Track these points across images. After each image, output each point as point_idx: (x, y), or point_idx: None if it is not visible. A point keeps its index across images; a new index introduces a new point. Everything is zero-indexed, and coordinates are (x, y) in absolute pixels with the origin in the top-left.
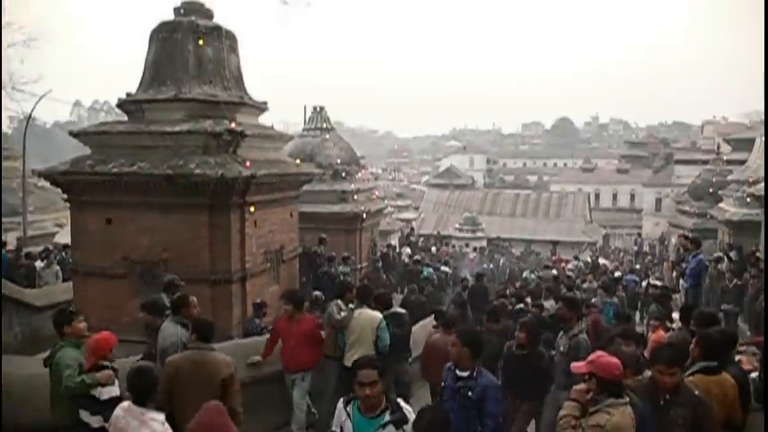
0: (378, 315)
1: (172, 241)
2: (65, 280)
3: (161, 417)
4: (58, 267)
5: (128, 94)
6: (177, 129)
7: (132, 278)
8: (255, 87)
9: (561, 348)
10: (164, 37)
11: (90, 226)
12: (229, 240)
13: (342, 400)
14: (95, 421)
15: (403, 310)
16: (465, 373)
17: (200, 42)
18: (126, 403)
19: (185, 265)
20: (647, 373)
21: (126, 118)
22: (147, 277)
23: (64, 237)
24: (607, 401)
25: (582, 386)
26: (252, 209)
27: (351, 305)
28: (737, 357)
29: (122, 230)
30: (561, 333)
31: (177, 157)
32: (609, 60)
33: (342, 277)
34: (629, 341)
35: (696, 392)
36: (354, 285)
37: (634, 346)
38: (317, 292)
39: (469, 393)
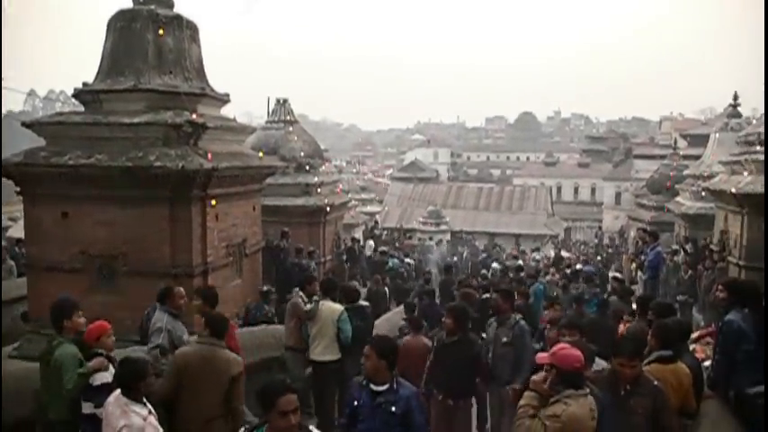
0: (339, 307)
1: (131, 235)
2: (20, 275)
3: (144, 411)
4: (12, 263)
5: (84, 84)
6: (136, 120)
7: (90, 273)
8: (218, 79)
9: (504, 339)
10: (122, 26)
11: (45, 220)
12: (190, 234)
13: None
14: (87, 407)
15: (366, 303)
16: (383, 387)
17: (160, 32)
18: (117, 391)
19: (145, 259)
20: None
21: (83, 108)
22: (106, 272)
23: (17, 231)
24: (566, 392)
25: (540, 375)
26: (213, 202)
27: (315, 297)
28: (692, 346)
29: (79, 224)
30: (494, 323)
31: (136, 148)
32: (570, 56)
33: (311, 269)
34: (573, 331)
35: (655, 383)
36: (318, 278)
37: (578, 335)
38: (266, 287)
39: (392, 408)
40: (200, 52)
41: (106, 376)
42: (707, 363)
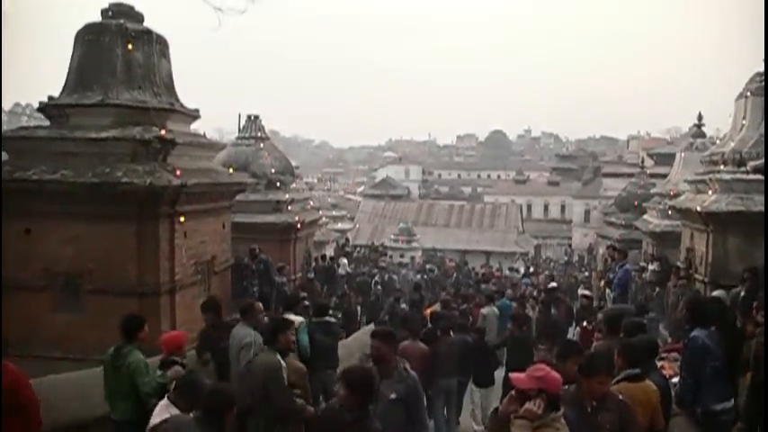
0: (298, 319)
1: (97, 252)
2: None
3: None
4: None
5: (50, 98)
6: (104, 135)
7: (54, 291)
8: (188, 95)
9: (392, 395)
10: (90, 39)
11: (7, 236)
12: (158, 251)
13: None
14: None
15: (333, 320)
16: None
17: (129, 46)
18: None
19: (111, 276)
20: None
21: (48, 123)
22: (70, 290)
23: None
24: (551, 416)
25: (534, 404)
26: (182, 219)
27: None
28: (660, 363)
29: (43, 241)
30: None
31: (103, 164)
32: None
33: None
34: (546, 342)
35: (621, 397)
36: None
37: (550, 344)
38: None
39: None
40: (170, 67)
41: None
42: (675, 379)
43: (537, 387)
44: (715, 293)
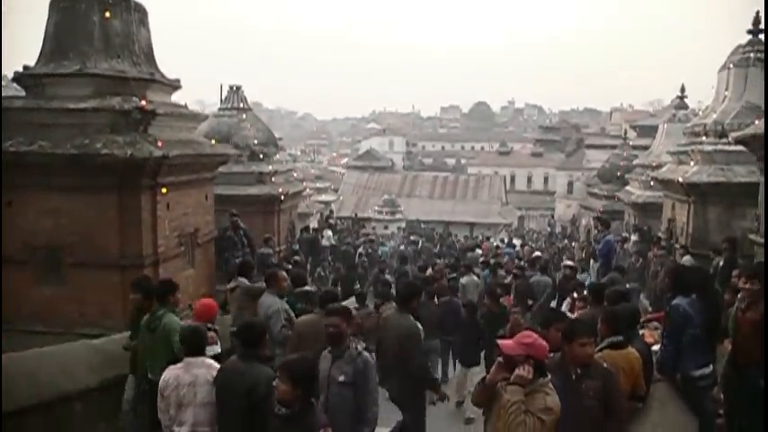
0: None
1: (78, 225)
2: None
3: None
4: None
5: (25, 68)
6: (82, 106)
7: (34, 265)
8: (169, 66)
9: (341, 378)
10: (65, 6)
11: None
12: (140, 223)
13: None
14: None
15: (312, 288)
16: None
17: (107, 14)
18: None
19: (93, 249)
20: None
21: (24, 93)
22: (51, 263)
23: None
24: (540, 381)
25: (524, 370)
26: (164, 190)
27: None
28: (641, 332)
29: (23, 214)
30: (328, 356)
31: (82, 135)
32: (524, 46)
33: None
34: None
35: (605, 365)
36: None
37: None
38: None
39: None
40: (150, 37)
41: (216, 349)
42: (656, 347)
43: (524, 353)
44: (684, 260)
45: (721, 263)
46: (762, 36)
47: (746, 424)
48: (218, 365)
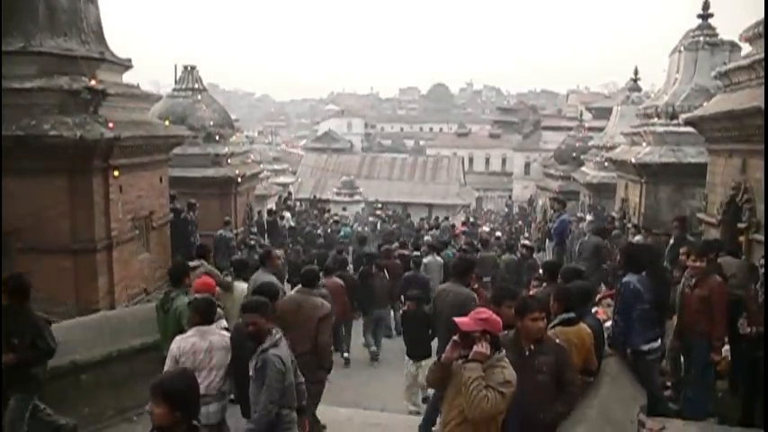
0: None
1: (26, 209)
2: None
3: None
4: None
5: None
6: (27, 85)
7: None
8: (122, 45)
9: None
10: None
11: None
12: (92, 207)
13: None
14: None
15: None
16: None
17: None
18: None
19: (43, 234)
20: None
21: None
22: None
23: None
24: (496, 356)
25: (482, 346)
26: (116, 173)
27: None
28: (594, 309)
29: None
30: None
31: (29, 116)
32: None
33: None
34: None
35: (557, 341)
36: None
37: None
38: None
39: None
40: (99, 14)
41: (223, 323)
42: (608, 324)
43: (481, 329)
44: (636, 239)
45: (671, 241)
46: (710, 20)
47: (692, 395)
48: (227, 333)
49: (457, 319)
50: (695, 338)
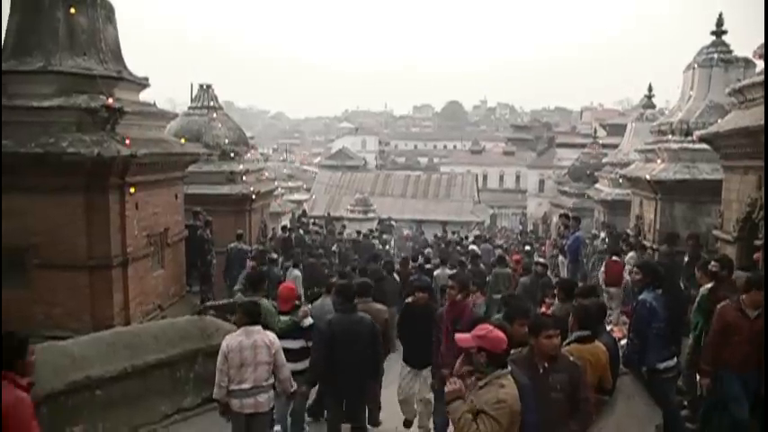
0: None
1: (44, 225)
2: None
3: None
4: None
5: None
6: (46, 104)
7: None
8: (139, 64)
9: None
10: (29, 1)
11: None
12: (108, 223)
13: None
14: (297, 344)
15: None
16: None
17: (72, 10)
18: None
19: (59, 250)
20: None
21: None
22: (16, 264)
23: None
24: (495, 373)
25: (462, 366)
26: (132, 190)
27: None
28: (609, 327)
29: None
30: None
31: (47, 134)
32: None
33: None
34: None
35: (571, 358)
36: None
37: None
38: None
39: None
40: (117, 34)
41: (309, 320)
42: (623, 341)
43: (476, 345)
44: (628, 257)
45: (686, 258)
46: (724, 37)
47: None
48: (269, 333)
49: (456, 336)
50: (751, 370)
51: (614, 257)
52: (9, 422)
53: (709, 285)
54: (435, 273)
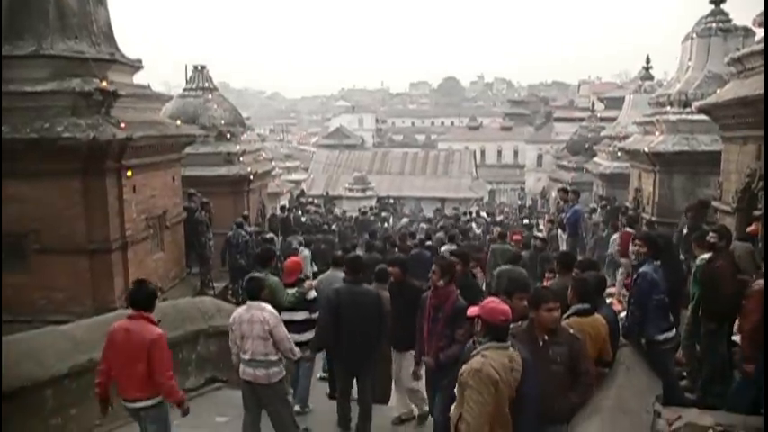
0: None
1: (41, 211)
2: None
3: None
4: None
5: None
6: (40, 88)
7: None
8: (133, 47)
9: None
10: None
11: None
12: (106, 207)
13: None
14: (301, 316)
15: None
16: None
17: None
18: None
19: (58, 235)
20: None
21: None
22: (16, 250)
23: None
24: (486, 345)
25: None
26: (129, 173)
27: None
28: (609, 300)
29: None
30: None
31: (42, 119)
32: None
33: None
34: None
35: (571, 331)
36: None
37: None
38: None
39: None
40: (109, 16)
41: (313, 293)
42: (622, 314)
43: (477, 314)
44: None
45: (685, 230)
46: (723, 6)
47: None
48: (270, 308)
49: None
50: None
51: (628, 229)
52: (156, 350)
53: (706, 256)
54: (442, 249)
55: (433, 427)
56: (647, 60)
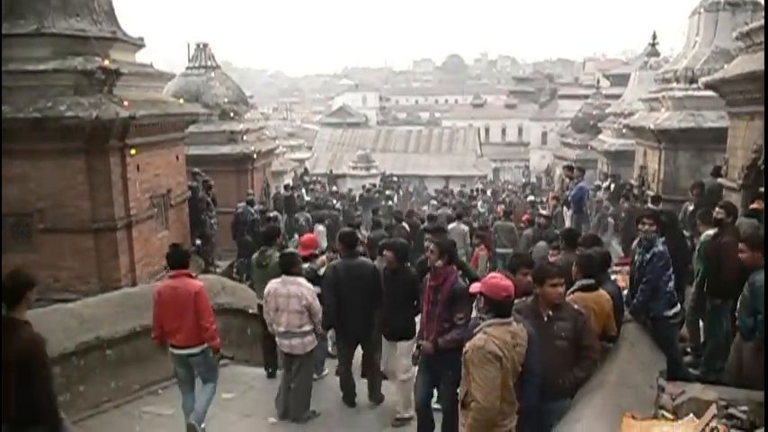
0: None
1: (46, 190)
2: None
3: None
4: None
5: None
6: (42, 67)
7: (3, 232)
8: (135, 25)
9: None
10: None
11: None
12: (110, 186)
13: None
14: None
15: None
16: None
17: None
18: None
19: (63, 214)
20: None
21: None
22: (21, 230)
23: None
24: (488, 321)
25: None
26: (133, 152)
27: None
28: (613, 276)
29: None
30: None
31: (44, 98)
32: None
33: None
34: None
35: (575, 306)
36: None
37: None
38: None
39: None
40: None
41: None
42: (626, 291)
43: (479, 290)
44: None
45: (691, 207)
46: None
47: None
48: (306, 283)
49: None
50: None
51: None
52: (200, 300)
53: (711, 232)
54: (450, 226)
55: (442, 417)
56: (654, 36)
